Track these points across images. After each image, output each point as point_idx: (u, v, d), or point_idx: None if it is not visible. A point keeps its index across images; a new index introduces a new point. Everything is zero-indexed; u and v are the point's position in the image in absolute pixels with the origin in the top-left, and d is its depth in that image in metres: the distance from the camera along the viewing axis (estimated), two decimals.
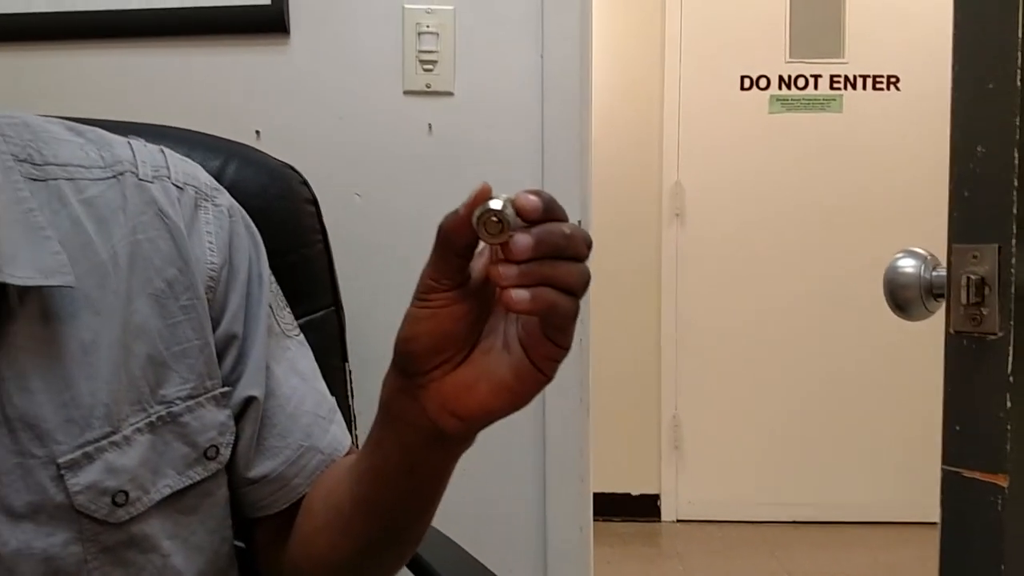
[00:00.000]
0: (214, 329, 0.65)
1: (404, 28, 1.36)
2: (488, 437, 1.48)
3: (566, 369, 1.39)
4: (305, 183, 1.11)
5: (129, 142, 0.65)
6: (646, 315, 3.29)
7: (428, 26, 1.35)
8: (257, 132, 1.37)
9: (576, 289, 0.48)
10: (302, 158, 1.15)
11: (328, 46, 1.37)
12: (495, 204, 0.48)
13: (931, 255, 0.73)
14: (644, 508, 3.33)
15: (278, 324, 0.70)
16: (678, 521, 3.33)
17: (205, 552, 0.63)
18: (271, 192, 1.03)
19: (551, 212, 0.49)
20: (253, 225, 0.70)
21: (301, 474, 0.67)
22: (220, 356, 0.65)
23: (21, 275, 0.54)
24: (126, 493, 0.57)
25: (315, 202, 1.11)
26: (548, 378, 0.51)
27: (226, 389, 0.64)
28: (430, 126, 1.37)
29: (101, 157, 0.62)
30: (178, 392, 0.61)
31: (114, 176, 0.62)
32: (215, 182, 0.69)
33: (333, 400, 0.73)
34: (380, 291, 1.33)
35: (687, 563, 2.99)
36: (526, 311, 0.47)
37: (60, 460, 0.55)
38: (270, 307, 0.69)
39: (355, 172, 1.38)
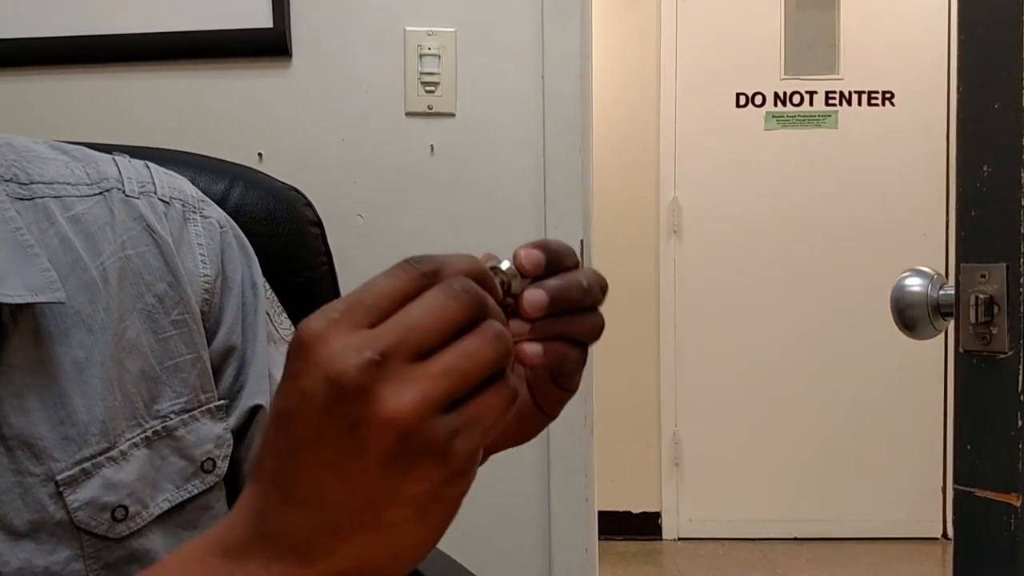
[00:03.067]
0: (211, 342, 0.64)
1: (406, 50, 1.37)
2: (492, 459, 1.48)
3: None
4: (309, 205, 1.11)
5: (114, 158, 0.65)
6: (645, 332, 3.28)
7: (430, 48, 1.36)
8: (260, 154, 1.37)
9: (590, 340, 0.47)
10: (305, 180, 1.15)
11: (330, 68, 1.38)
12: (499, 264, 0.46)
13: (938, 274, 0.73)
14: (645, 526, 3.32)
15: (276, 331, 0.70)
16: (679, 539, 3.31)
17: None
18: (276, 215, 1.03)
19: (562, 261, 0.47)
20: (243, 235, 0.70)
21: None
22: (220, 368, 0.65)
23: (12, 293, 0.54)
24: (125, 508, 0.57)
25: (320, 224, 1.11)
26: (553, 418, 0.50)
27: (221, 402, 0.64)
28: (432, 147, 1.38)
29: (87, 174, 0.62)
30: (172, 407, 0.61)
31: (100, 193, 0.62)
32: (202, 195, 0.68)
33: None
34: None
35: None
36: (539, 365, 0.45)
37: (58, 477, 0.55)
38: (267, 314, 0.69)
39: (357, 193, 1.38)
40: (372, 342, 0.36)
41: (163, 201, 0.64)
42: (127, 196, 0.62)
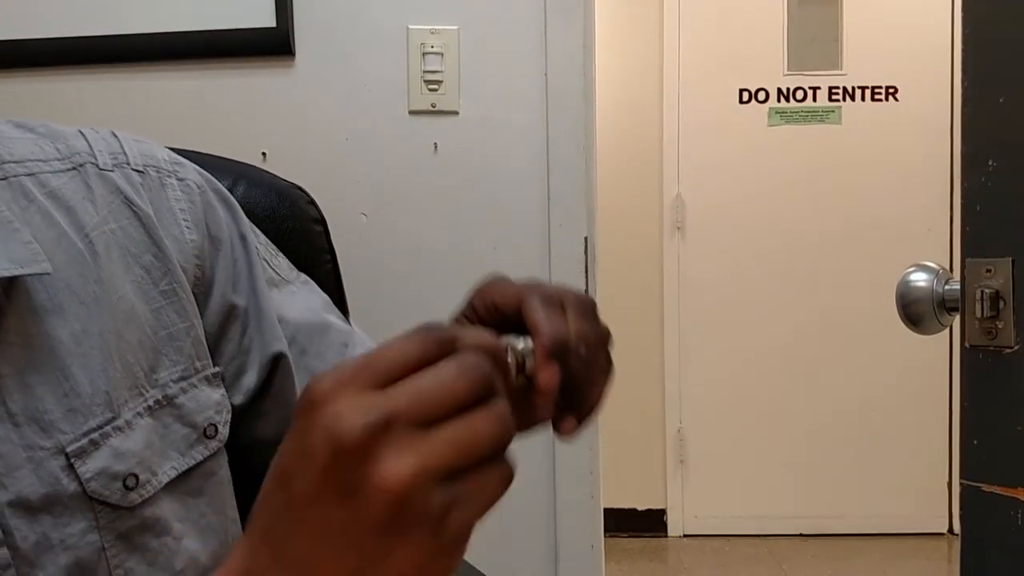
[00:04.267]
0: (210, 304, 0.65)
1: (409, 48, 1.37)
2: None
3: None
4: (313, 203, 1.11)
5: (80, 131, 0.65)
6: (649, 329, 3.28)
7: (433, 46, 1.36)
8: (263, 154, 1.37)
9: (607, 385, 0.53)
10: (308, 179, 1.15)
11: (333, 67, 1.38)
12: (516, 342, 0.47)
13: (943, 269, 0.73)
14: (650, 523, 3.32)
15: (277, 274, 0.71)
16: (684, 536, 3.31)
17: (216, 534, 0.64)
18: (280, 213, 1.03)
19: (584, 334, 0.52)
20: (222, 188, 0.70)
21: None
22: (224, 330, 0.66)
23: None
24: (136, 476, 0.58)
25: (323, 222, 1.11)
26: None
27: (217, 369, 0.64)
28: (435, 145, 1.38)
29: (57, 150, 0.62)
30: (171, 375, 0.61)
31: (74, 168, 0.61)
32: (175, 156, 0.68)
33: (341, 318, 0.75)
34: (387, 310, 1.33)
35: None
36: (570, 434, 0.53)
37: (68, 449, 0.55)
38: (264, 260, 0.70)
39: (361, 192, 1.38)
40: (379, 405, 0.36)
41: (137, 171, 0.64)
42: (101, 170, 0.62)
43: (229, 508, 0.66)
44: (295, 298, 0.71)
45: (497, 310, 0.55)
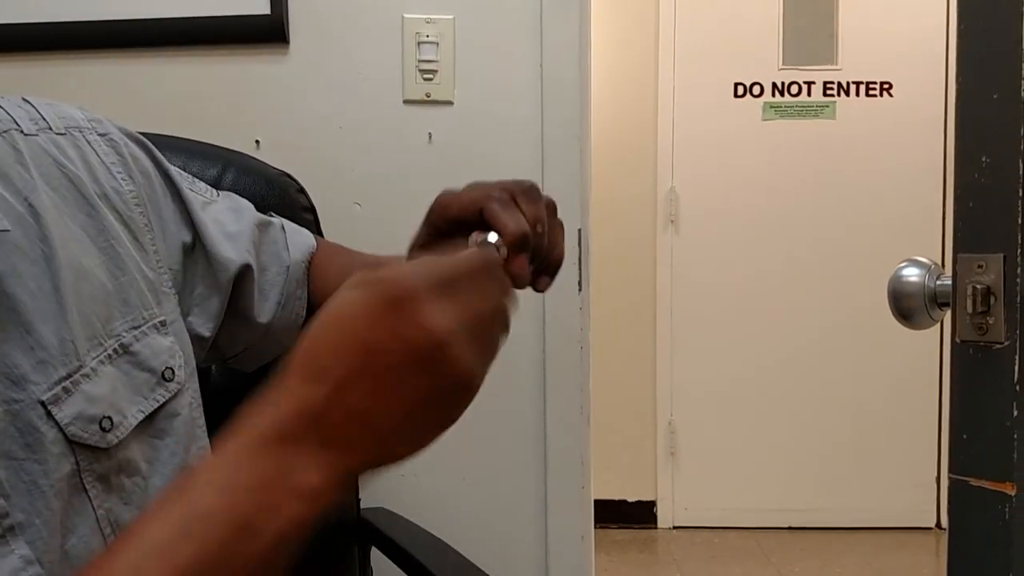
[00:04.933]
0: (166, 245, 0.69)
1: (404, 37, 1.36)
2: (490, 446, 1.49)
3: (566, 377, 1.39)
4: (302, 191, 1.11)
5: None
6: (641, 321, 3.29)
7: (428, 36, 1.36)
8: (257, 142, 1.37)
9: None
10: (302, 167, 1.15)
11: (328, 55, 1.37)
12: (488, 237, 0.60)
13: (935, 264, 0.73)
14: (640, 515, 3.33)
15: (202, 196, 0.76)
16: (674, 527, 3.33)
17: (181, 472, 0.66)
18: (269, 200, 1.03)
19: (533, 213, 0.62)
20: (137, 134, 0.73)
21: (300, 284, 0.80)
22: (185, 266, 0.71)
23: None
24: (110, 419, 0.60)
25: (313, 210, 1.11)
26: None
27: (163, 318, 0.67)
28: (430, 135, 1.37)
29: None
30: (123, 325, 0.64)
31: None
32: (92, 114, 0.70)
33: (263, 217, 0.81)
34: None
35: (684, 570, 2.99)
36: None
37: (43, 398, 0.57)
38: (189, 190, 0.74)
39: (355, 181, 1.38)
40: (457, 315, 0.47)
41: (59, 134, 0.65)
42: (26, 135, 0.63)
43: (195, 447, 0.69)
44: (225, 215, 0.77)
45: (460, 221, 0.64)
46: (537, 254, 0.63)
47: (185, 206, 0.72)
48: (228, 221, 0.77)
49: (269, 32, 1.35)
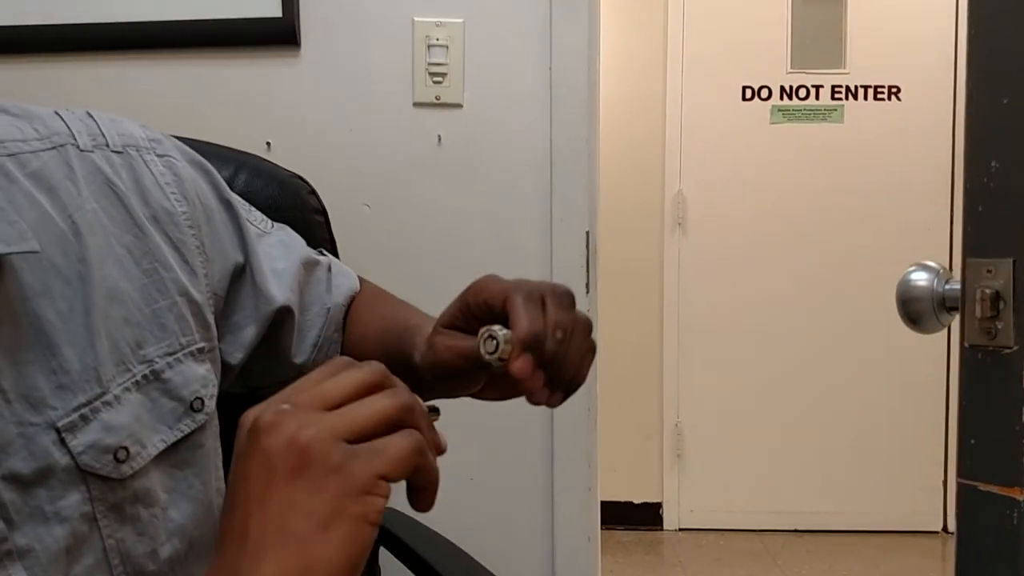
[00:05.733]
0: (214, 269, 0.68)
1: (414, 40, 1.37)
2: (497, 447, 1.50)
3: None
4: (313, 193, 1.11)
5: (57, 112, 0.65)
6: (648, 323, 3.29)
7: (438, 39, 1.36)
8: (268, 144, 1.37)
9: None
10: (312, 169, 1.15)
11: (339, 58, 1.38)
12: (497, 330, 0.59)
13: (943, 268, 0.73)
14: (646, 517, 3.33)
15: (257, 227, 0.75)
16: (680, 530, 3.33)
17: (202, 504, 0.65)
18: (281, 203, 1.03)
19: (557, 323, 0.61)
20: (199, 156, 0.72)
21: (338, 327, 0.80)
22: (231, 291, 0.70)
23: None
24: (126, 449, 0.59)
25: (324, 212, 1.11)
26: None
27: (202, 345, 0.66)
28: (439, 138, 1.38)
29: (35, 131, 0.62)
30: (156, 351, 0.62)
31: (54, 148, 0.62)
32: (152, 131, 0.69)
33: (319, 253, 0.82)
34: None
35: (690, 572, 2.99)
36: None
37: (58, 424, 0.56)
38: (247, 219, 0.73)
39: (365, 183, 1.38)
40: (288, 399, 0.47)
41: (116, 152, 0.65)
42: (82, 151, 0.63)
43: (214, 478, 0.67)
44: (276, 249, 0.76)
45: (488, 306, 0.63)
46: (552, 363, 0.60)
47: (241, 232, 0.72)
48: (278, 256, 0.76)
49: (280, 35, 1.36)
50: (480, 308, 0.63)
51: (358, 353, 0.78)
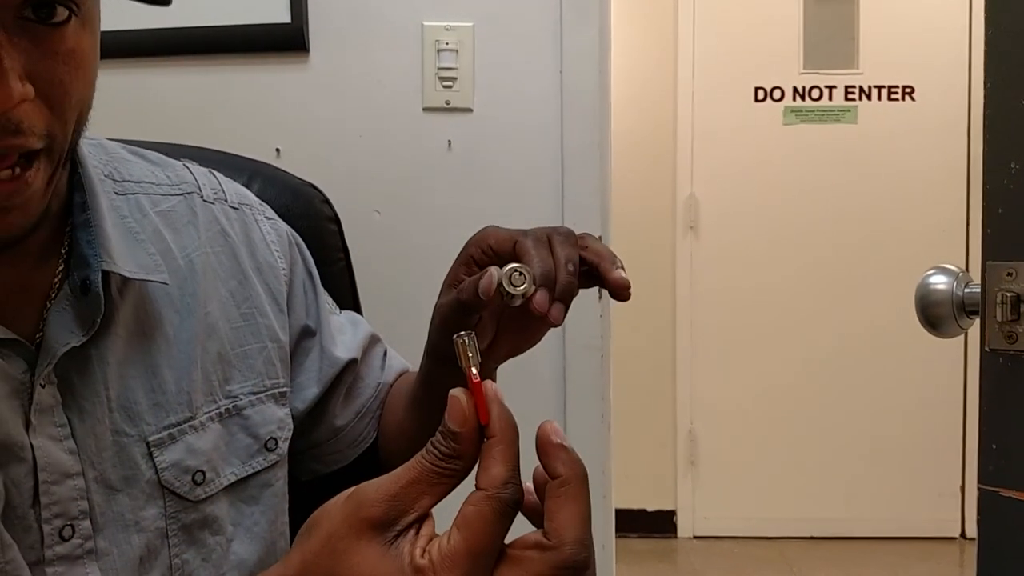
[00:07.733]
0: (290, 323, 0.74)
1: (424, 45, 1.36)
2: None
3: (587, 385, 1.39)
4: (327, 201, 1.11)
5: (185, 165, 0.73)
6: (661, 329, 3.27)
7: (447, 43, 1.36)
8: (277, 150, 1.37)
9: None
10: (322, 175, 1.15)
11: (348, 64, 1.38)
12: (519, 269, 0.61)
13: (963, 271, 0.72)
14: (660, 524, 3.31)
15: (328, 303, 0.82)
16: (695, 537, 3.30)
17: (264, 542, 0.69)
18: (294, 211, 1.03)
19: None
20: (293, 230, 0.81)
21: (381, 405, 0.83)
22: (297, 347, 0.76)
23: (128, 269, 0.61)
24: (203, 473, 0.64)
25: (337, 220, 1.11)
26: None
27: (284, 389, 0.72)
28: (449, 143, 1.37)
29: (167, 177, 0.70)
30: (241, 388, 0.68)
31: (182, 194, 0.70)
32: (261, 200, 0.78)
33: (374, 333, 0.86)
34: (400, 307, 1.32)
35: None
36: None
37: (150, 439, 0.62)
38: (324, 295, 0.81)
39: (374, 189, 1.38)
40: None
41: (233, 208, 0.73)
42: (205, 201, 0.71)
43: (280, 521, 0.72)
44: (348, 324, 0.83)
45: (494, 252, 0.66)
46: (566, 294, 0.64)
47: (317, 303, 0.79)
48: (346, 329, 0.82)
49: (289, 41, 1.36)
50: (487, 255, 0.66)
51: (389, 420, 0.83)
